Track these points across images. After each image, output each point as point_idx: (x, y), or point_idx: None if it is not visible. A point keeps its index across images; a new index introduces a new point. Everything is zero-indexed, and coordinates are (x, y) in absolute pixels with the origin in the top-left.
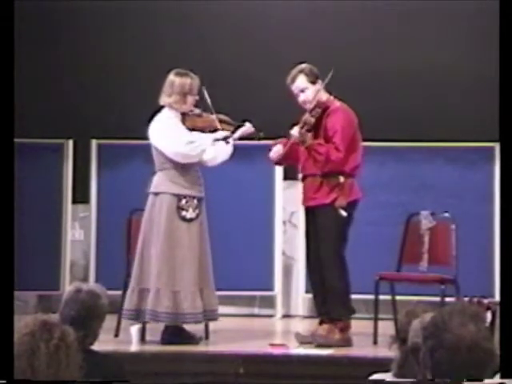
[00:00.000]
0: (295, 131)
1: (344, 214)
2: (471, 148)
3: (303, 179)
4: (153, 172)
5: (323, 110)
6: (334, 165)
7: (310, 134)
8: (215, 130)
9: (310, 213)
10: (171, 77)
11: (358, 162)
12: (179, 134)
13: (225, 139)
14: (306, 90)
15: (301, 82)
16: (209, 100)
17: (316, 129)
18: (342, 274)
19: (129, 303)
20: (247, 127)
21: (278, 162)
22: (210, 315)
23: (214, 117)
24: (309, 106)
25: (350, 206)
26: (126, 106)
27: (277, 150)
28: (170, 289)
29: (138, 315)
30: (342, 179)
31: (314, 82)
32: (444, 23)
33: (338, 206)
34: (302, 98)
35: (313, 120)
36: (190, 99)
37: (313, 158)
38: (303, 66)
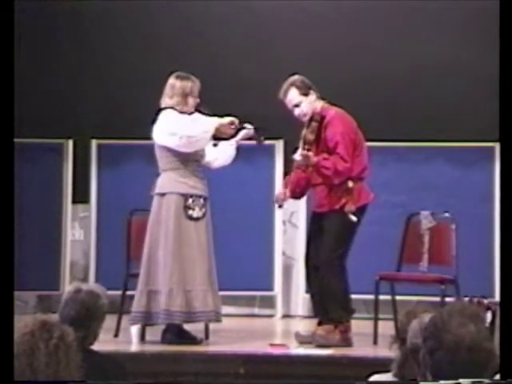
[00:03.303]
0: (297, 155)
1: (354, 218)
2: (471, 148)
3: (312, 186)
4: (157, 174)
5: (320, 120)
6: (344, 175)
7: (311, 154)
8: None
9: (317, 217)
10: (172, 80)
11: (363, 165)
12: (170, 120)
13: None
14: (300, 103)
15: (293, 95)
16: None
17: (316, 141)
18: (341, 277)
19: (137, 305)
20: (248, 129)
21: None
22: (216, 316)
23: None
24: (305, 119)
25: (359, 211)
26: (125, 105)
27: (279, 193)
28: (183, 288)
29: (147, 317)
30: (350, 184)
31: (306, 94)
32: (444, 23)
33: (347, 212)
34: (296, 112)
35: (312, 137)
36: (191, 101)
37: (321, 174)
38: (294, 78)
